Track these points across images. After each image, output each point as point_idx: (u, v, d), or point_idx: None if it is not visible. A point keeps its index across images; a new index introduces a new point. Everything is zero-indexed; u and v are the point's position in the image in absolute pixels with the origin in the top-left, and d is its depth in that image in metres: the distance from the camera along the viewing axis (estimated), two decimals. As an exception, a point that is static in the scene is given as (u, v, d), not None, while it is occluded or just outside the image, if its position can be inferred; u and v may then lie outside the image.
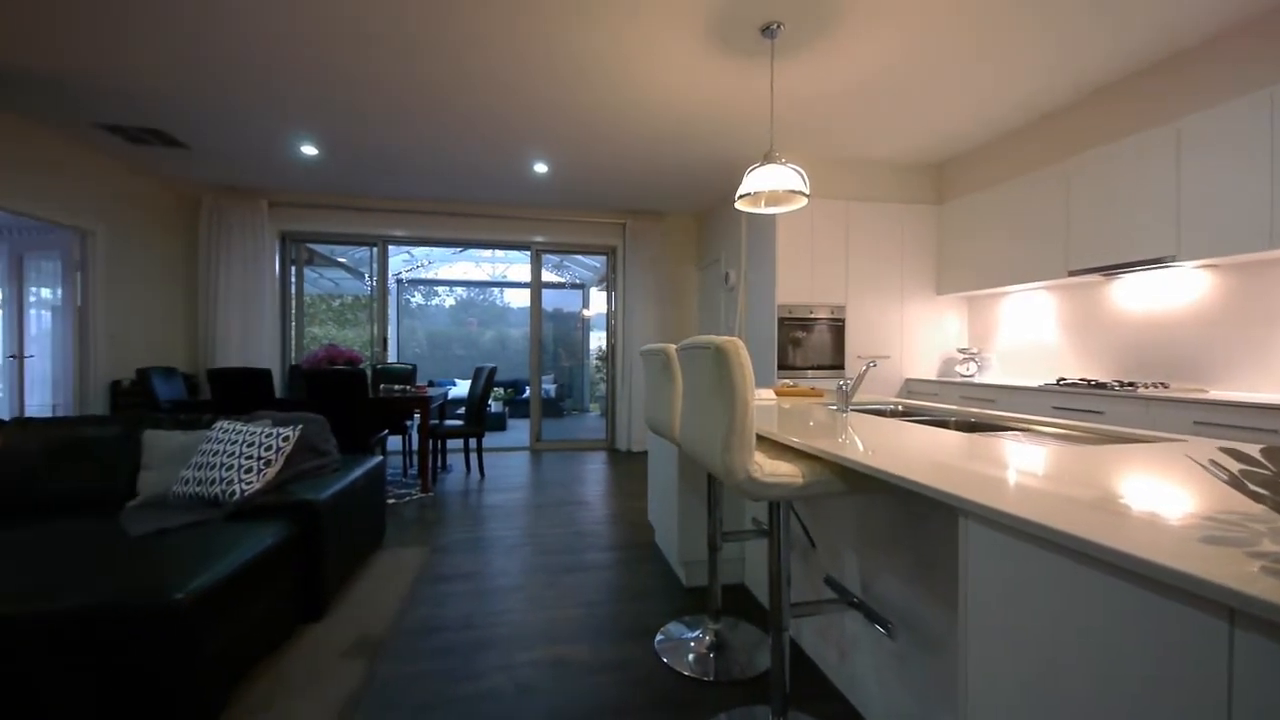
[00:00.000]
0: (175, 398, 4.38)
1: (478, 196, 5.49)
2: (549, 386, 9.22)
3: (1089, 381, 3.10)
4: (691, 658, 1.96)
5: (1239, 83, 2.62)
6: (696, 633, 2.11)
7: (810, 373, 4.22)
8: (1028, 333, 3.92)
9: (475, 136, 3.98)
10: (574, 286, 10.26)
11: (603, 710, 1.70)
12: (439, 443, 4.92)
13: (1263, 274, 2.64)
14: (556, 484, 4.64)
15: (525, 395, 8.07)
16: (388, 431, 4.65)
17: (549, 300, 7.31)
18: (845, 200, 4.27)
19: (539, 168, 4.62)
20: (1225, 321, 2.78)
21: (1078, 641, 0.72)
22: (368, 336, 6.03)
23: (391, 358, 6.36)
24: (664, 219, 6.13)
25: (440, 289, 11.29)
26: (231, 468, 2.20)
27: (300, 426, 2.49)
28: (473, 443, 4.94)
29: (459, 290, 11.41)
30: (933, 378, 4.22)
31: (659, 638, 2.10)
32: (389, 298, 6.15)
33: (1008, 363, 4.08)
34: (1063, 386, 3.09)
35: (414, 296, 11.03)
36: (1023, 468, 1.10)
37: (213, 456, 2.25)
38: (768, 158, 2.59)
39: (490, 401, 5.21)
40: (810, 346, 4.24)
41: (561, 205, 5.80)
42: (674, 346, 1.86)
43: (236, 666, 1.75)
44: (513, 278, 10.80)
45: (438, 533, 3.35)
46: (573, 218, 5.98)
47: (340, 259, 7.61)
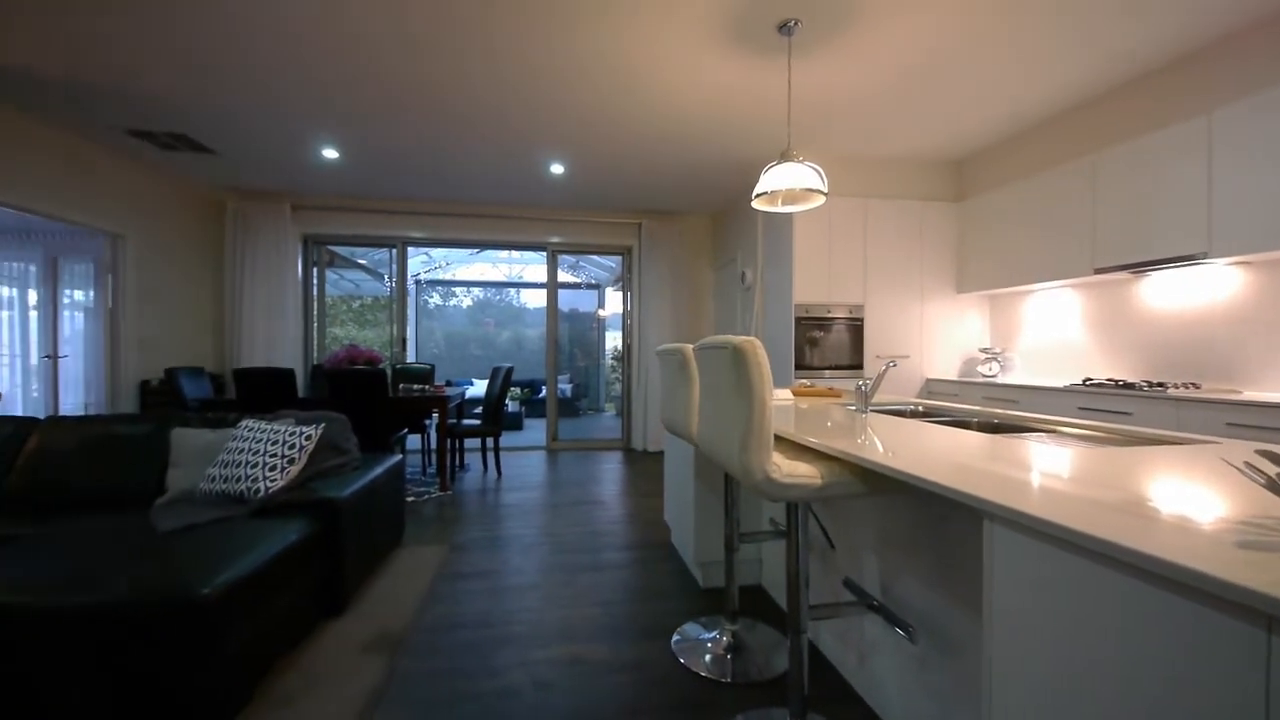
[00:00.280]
0: (202, 397, 4.48)
1: (495, 198, 5.54)
2: (565, 386, 9.26)
3: (1116, 382, 3.03)
4: (708, 659, 1.95)
5: (1273, 73, 2.53)
6: (713, 634, 2.10)
7: (828, 373, 4.18)
8: (1052, 332, 3.84)
9: (493, 138, 4.01)
10: (590, 287, 10.30)
11: (620, 710, 1.70)
12: (457, 442, 4.96)
13: (1300, 271, 2.56)
14: (573, 483, 4.66)
15: (541, 395, 8.11)
16: (407, 430, 4.72)
17: (565, 300, 7.34)
18: (863, 198, 4.22)
19: (555, 169, 4.65)
20: (1259, 320, 2.70)
21: (1105, 647, 0.71)
22: (387, 337, 6.11)
23: (410, 358, 6.44)
24: (680, 219, 6.12)
25: (458, 290, 11.41)
26: (256, 465, 2.25)
27: (322, 425, 2.54)
28: (490, 442, 4.99)
29: (476, 291, 11.51)
30: (954, 378, 4.15)
31: (675, 638, 2.09)
32: (408, 298, 6.22)
33: (1031, 363, 4.01)
34: (1089, 387, 3.02)
35: (432, 297, 11.16)
36: (1048, 470, 1.08)
37: (238, 454, 2.30)
38: (785, 156, 2.57)
39: (507, 401, 5.25)
40: (828, 346, 4.20)
41: (577, 206, 5.82)
42: (691, 346, 1.86)
43: (260, 661, 1.78)
44: (529, 278, 10.87)
45: (456, 531, 3.38)
46: (588, 218, 6.00)
47: (360, 260, 7.73)
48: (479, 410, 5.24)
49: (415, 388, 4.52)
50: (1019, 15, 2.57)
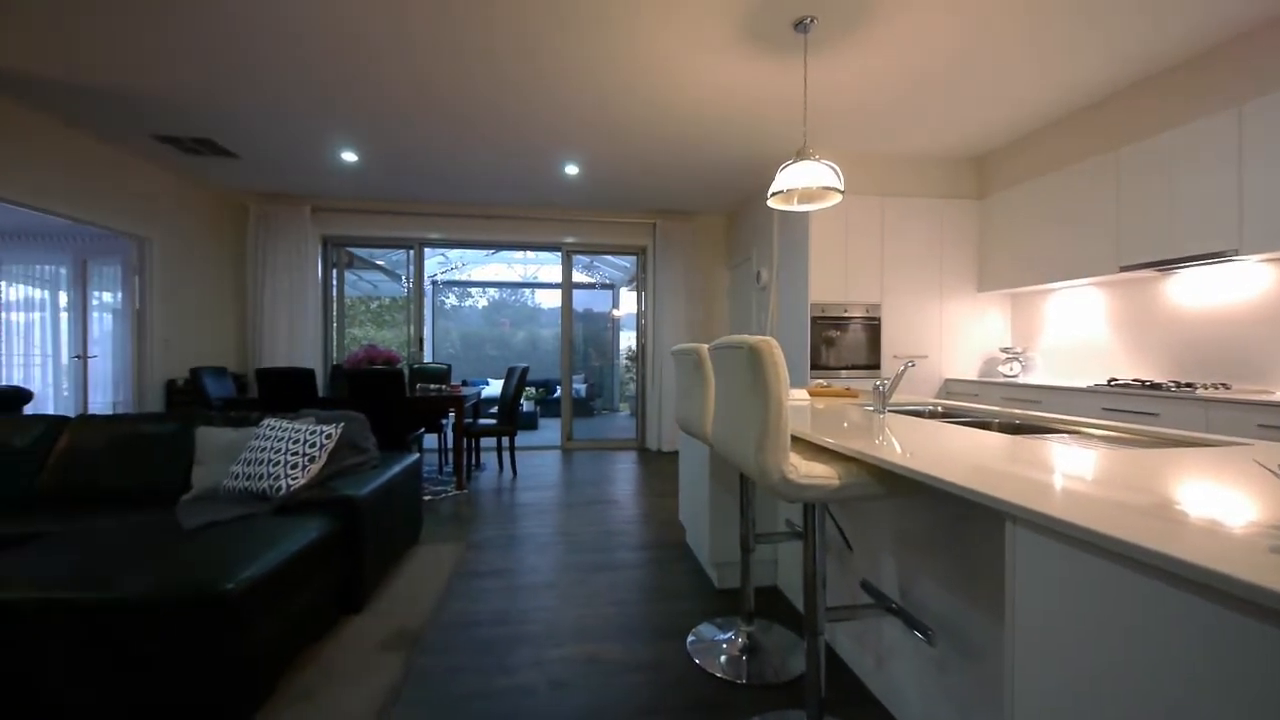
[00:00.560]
0: (225, 396, 4.58)
1: (510, 199, 5.57)
2: (580, 386, 9.29)
3: (1142, 382, 2.96)
4: (724, 659, 1.94)
5: (1310, 64, 2.46)
6: (729, 634, 2.09)
7: (844, 373, 4.15)
8: (1075, 331, 3.76)
9: (509, 140, 4.03)
10: (604, 287, 10.31)
11: (636, 710, 1.70)
12: (473, 441, 5.01)
13: (1337, 267, 2.48)
14: (587, 483, 4.68)
15: (556, 395, 8.15)
16: (424, 429, 4.76)
17: (579, 301, 7.37)
18: (880, 196, 4.17)
19: (570, 169, 4.66)
20: (1294, 318, 2.62)
21: (1129, 651, 0.69)
22: (404, 337, 6.18)
23: (427, 358, 6.51)
24: (694, 218, 6.11)
25: (474, 290, 11.50)
26: (278, 464, 2.29)
27: (342, 424, 2.58)
28: (505, 441, 5.02)
29: (491, 291, 11.59)
30: (973, 378, 4.09)
31: (691, 639, 2.09)
32: (425, 299, 6.28)
33: (1054, 362, 3.93)
34: (1114, 387, 2.96)
35: (448, 298, 11.26)
36: (1072, 471, 1.05)
37: (260, 453, 2.34)
38: (801, 154, 2.55)
39: (522, 401, 5.28)
40: (844, 346, 4.17)
41: (592, 206, 5.83)
42: (706, 346, 1.85)
43: (281, 655, 1.81)
44: (544, 278, 10.92)
45: (472, 529, 3.41)
46: (603, 218, 6.01)
47: (378, 262, 7.82)
48: (494, 410, 5.28)
49: (432, 387, 4.57)
50: (1039, 10, 2.52)
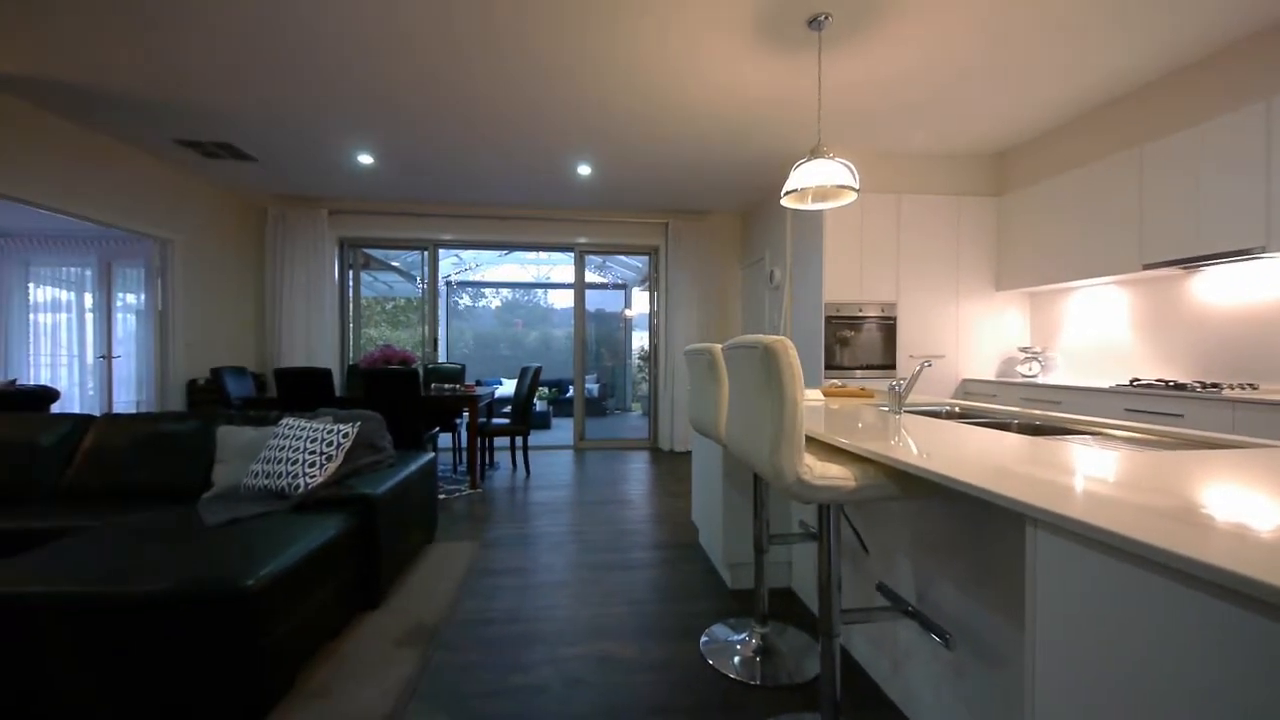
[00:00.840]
0: (245, 395, 4.65)
1: (523, 199, 5.60)
2: (592, 386, 9.31)
3: (1166, 382, 2.90)
4: (738, 661, 1.94)
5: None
6: (743, 635, 2.08)
7: (859, 373, 4.11)
8: (1097, 330, 3.69)
9: (522, 141, 4.05)
10: (617, 287, 10.32)
11: (650, 709, 1.70)
12: (487, 440, 5.04)
13: (1371, 265, 2.41)
14: (600, 482, 4.69)
15: (569, 395, 8.16)
16: (439, 429, 4.81)
17: (592, 301, 7.37)
18: (896, 194, 4.13)
19: (582, 170, 4.67)
20: (1326, 317, 2.55)
21: (1156, 659, 0.68)
22: (419, 337, 6.24)
23: (441, 358, 6.56)
24: (707, 218, 6.10)
25: (487, 291, 11.58)
26: (297, 462, 2.32)
27: (359, 423, 2.61)
28: (519, 441, 5.04)
29: (505, 292, 11.66)
30: (991, 378, 4.04)
31: (704, 639, 2.09)
32: (439, 299, 6.34)
33: (1074, 362, 3.86)
34: (1137, 387, 2.90)
35: (462, 298, 11.35)
36: (1095, 473, 1.03)
37: (279, 451, 2.38)
38: (815, 152, 2.54)
39: (535, 401, 5.30)
40: (859, 346, 4.13)
41: (604, 206, 5.84)
42: (720, 346, 1.85)
43: (300, 650, 1.84)
44: (556, 279, 10.96)
45: (486, 528, 3.43)
46: (615, 218, 6.02)
47: (394, 263, 7.90)
48: (508, 410, 5.31)
49: (446, 387, 4.61)
50: (1060, 5, 2.48)
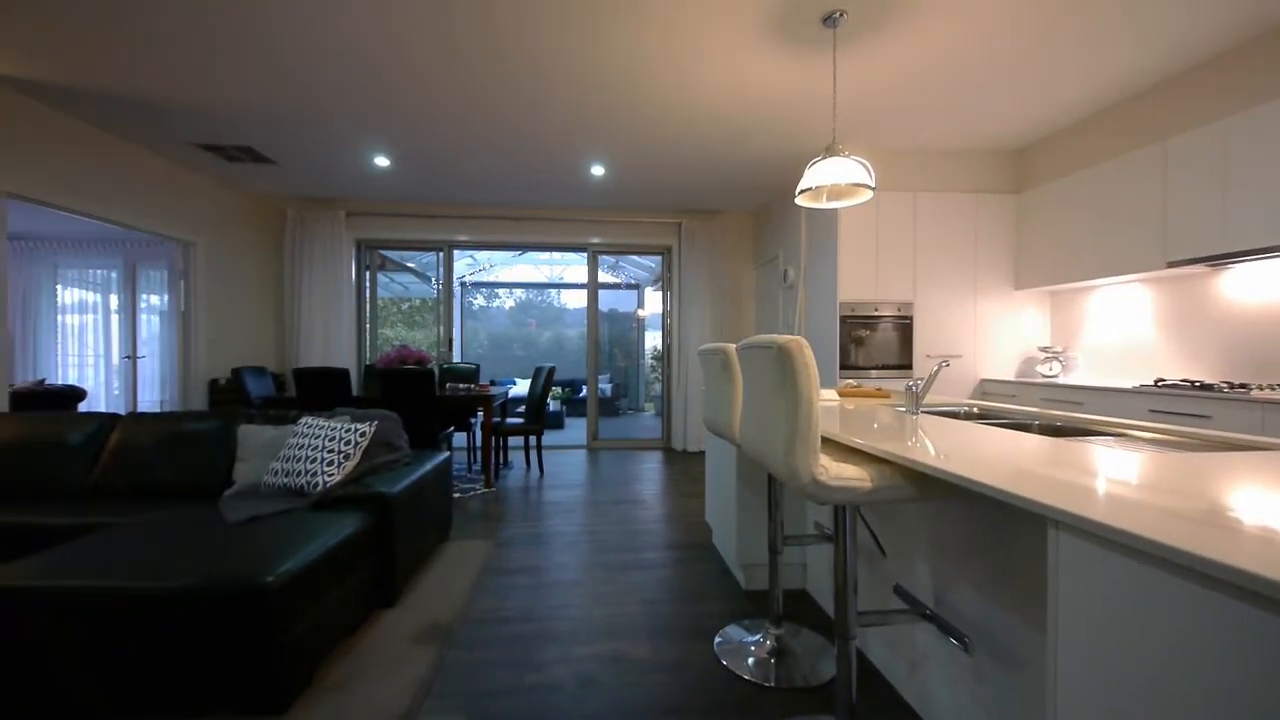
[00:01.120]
0: (265, 395, 4.73)
1: (537, 200, 5.63)
2: (605, 386, 9.33)
3: (1192, 383, 2.83)
4: (752, 662, 1.93)
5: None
6: (757, 637, 2.07)
7: (874, 373, 4.07)
8: (1119, 329, 3.62)
9: (535, 142, 4.07)
10: (629, 287, 10.33)
11: (664, 709, 1.70)
12: (501, 440, 5.07)
13: None
14: (613, 482, 4.69)
15: (582, 394, 8.19)
16: (453, 428, 4.84)
17: (605, 301, 7.38)
18: (912, 191, 4.08)
19: (596, 170, 4.68)
20: (1361, 315, 2.47)
21: (1181, 665, 0.66)
22: (434, 337, 6.30)
23: (456, 358, 6.62)
24: (720, 217, 6.08)
25: (501, 291, 11.66)
26: (315, 460, 2.35)
27: (375, 423, 2.64)
28: (532, 440, 5.07)
29: (518, 292, 11.74)
30: (1010, 378, 3.97)
31: (718, 640, 2.08)
32: (454, 300, 6.39)
33: (1096, 362, 3.79)
34: (1161, 388, 2.84)
35: (476, 299, 11.43)
36: (1119, 476, 1.01)
37: (298, 450, 2.41)
38: (830, 151, 2.52)
39: (548, 400, 5.32)
40: (874, 345, 4.09)
41: (617, 206, 5.85)
42: (734, 346, 1.84)
43: (318, 646, 1.86)
44: (570, 279, 11.01)
45: (500, 527, 3.45)
46: (628, 218, 6.02)
47: (409, 264, 7.98)
48: (522, 409, 5.34)
49: (461, 387, 4.65)
50: (1083, -5, 2.43)
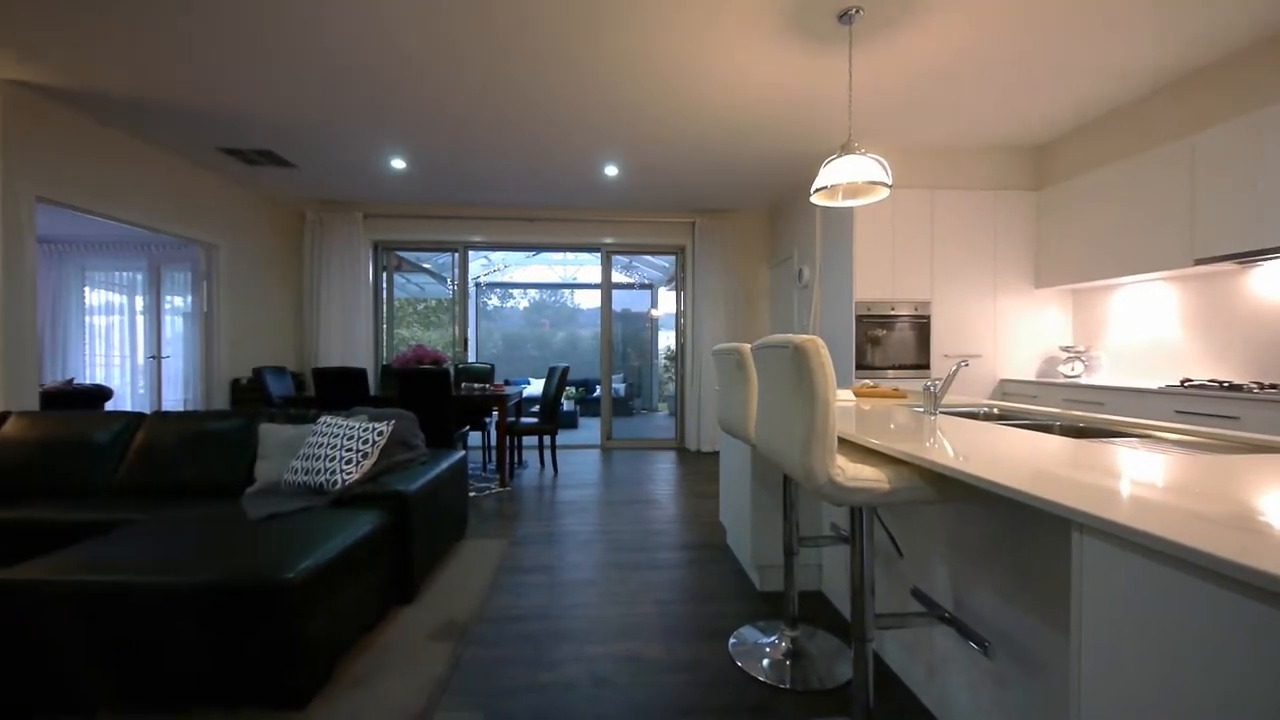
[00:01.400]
0: (285, 394, 4.81)
1: (550, 201, 5.65)
2: (619, 386, 9.34)
3: (1220, 383, 2.76)
4: (766, 663, 1.92)
5: None
6: (772, 638, 2.06)
7: (891, 373, 4.03)
8: (1144, 328, 3.54)
9: (549, 142, 4.09)
10: (643, 287, 10.34)
11: (678, 710, 1.70)
12: (515, 439, 5.10)
13: None
14: (627, 482, 4.70)
15: (596, 394, 8.22)
16: (469, 427, 4.88)
17: (619, 301, 7.39)
18: (930, 189, 4.03)
19: (609, 170, 4.69)
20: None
21: (1206, 665, 0.64)
22: (450, 338, 6.36)
23: (471, 358, 6.67)
24: (734, 217, 6.05)
25: (515, 291, 11.74)
26: (334, 459, 2.39)
27: (393, 422, 2.67)
28: (547, 440, 5.09)
29: (532, 292, 11.80)
30: (1031, 379, 3.90)
31: (733, 641, 2.07)
32: (469, 301, 6.44)
33: (1120, 362, 3.71)
34: (1188, 388, 2.77)
35: (491, 299, 11.51)
36: (1144, 478, 0.99)
37: (318, 449, 2.45)
38: (846, 148, 2.50)
39: (563, 400, 5.35)
40: (891, 345, 4.04)
41: (631, 206, 5.86)
42: (749, 346, 1.83)
43: (338, 643, 1.89)
44: (583, 279, 11.04)
45: (516, 525, 3.48)
46: (642, 218, 6.03)
47: (425, 265, 8.07)
48: (536, 409, 5.37)
49: (476, 387, 4.68)
50: (1106, -12, 2.38)
